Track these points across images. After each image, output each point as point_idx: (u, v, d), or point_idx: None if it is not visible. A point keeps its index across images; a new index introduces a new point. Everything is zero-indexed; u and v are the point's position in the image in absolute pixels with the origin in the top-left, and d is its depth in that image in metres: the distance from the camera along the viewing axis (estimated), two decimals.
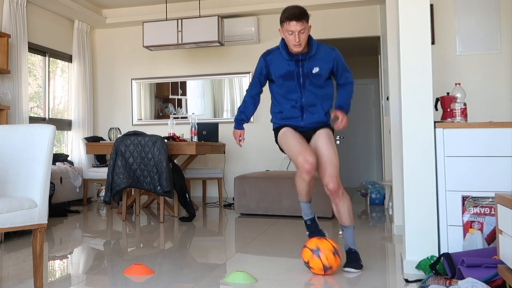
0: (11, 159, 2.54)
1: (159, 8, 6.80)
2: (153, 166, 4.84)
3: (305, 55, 3.01)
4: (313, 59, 3.01)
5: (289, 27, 2.95)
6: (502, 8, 3.79)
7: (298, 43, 2.93)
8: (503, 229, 2.08)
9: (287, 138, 3.04)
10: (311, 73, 3.01)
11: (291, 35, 2.95)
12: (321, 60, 3.02)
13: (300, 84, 3.03)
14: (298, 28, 2.92)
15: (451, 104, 3.04)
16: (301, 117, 3.08)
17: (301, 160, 2.88)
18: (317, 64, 3.01)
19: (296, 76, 3.03)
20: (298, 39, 2.92)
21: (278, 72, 3.06)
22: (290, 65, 3.03)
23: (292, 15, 2.94)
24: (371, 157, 9.18)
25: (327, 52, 3.05)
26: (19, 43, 5.73)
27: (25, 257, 3.38)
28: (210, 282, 2.81)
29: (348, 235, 3.07)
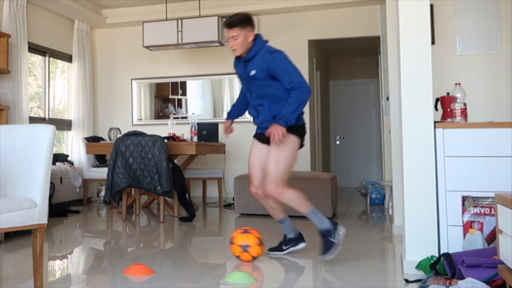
0: (11, 159, 2.54)
1: (159, 8, 6.81)
2: (153, 166, 4.84)
3: (245, 59, 3.30)
4: (251, 62, 3.26)
5: (226, 34, 3.26)
6: (502, 8, 3.79)
7: (232, 47, 3.25)
8: (503, 229, 2.08)
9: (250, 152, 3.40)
10: (249, 75, 3.27)
11: (229, 41, 3.25)
12: (257, 63, 3.23)
13: (247, 86, 3.33)
14: (232, 34, 3.20)
15: (451, 104, 3.03)
16: (257, 117, 3.34)
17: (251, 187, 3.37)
18: (254, 67, 3.23)
19: (243, 78, 3.35)
20: (232, 44, 3.23)
21: (238, 73, 3.42)
22: (240, 68, 3.35)
23: (226, 23, 3.24)
24: (371, 157, 9.18)
25: (263, 56, 3.23)
26: (19, 43, 5.73)
27: (25, 257, 3.38)
28: (210, 282, 2.81)
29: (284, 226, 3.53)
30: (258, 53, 3.24)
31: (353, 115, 9.38)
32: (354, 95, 9.38)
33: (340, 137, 9.47)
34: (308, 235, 4.26)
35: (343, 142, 9.45)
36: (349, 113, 9.40)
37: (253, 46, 3.25)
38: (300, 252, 3.51)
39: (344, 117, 9.43)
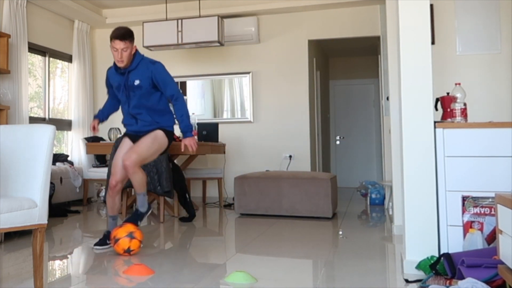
0: (11, 159, 2.54)
1: (159, 8, 6.81)
2: (153, 166, 4.84)
3: (128, 70, 3.52)
4: (134, 72, 3.51)
5: (114, 45, 3.44)
6: (502, 8, 3.79)
7: (121, 59, 3.44)
8: (503, 229, 2.08)
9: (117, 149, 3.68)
10: (133, 84, 3.52)
11: (116, 52, 3.44)
12: (140, 73, 3.52)
13: (126, 95, 3.56)
14: (122, 46, 3.42)
15: (451, 104, 3.03)
16: (136, 123, 3.63)
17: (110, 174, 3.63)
18: (137, 77, 3.51)
19: (122, 88, 3.54)
20: (121, 56, 3.43)
21: (112, 84, 3.66)
22: (118, 78, 3.56)
23: (117, 35, 3.43)
24: (371, 157, 9.18)
25: (147, 66, 3.55)
26: (19, 43, 5.73)
27: (25, 257, 3.38)
28: (210, 282, 2.81)
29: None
30: (139, 64, 3.55)
31: (353, 115, 9.38)
32: (354, 95, 9.38)
33: (340, 137, 9.47)
34: (309, 235, 4.26)
35: (343, 142, 9.45)
36: (349, 113, 9.41)
37: (134, 58, 3.55)
38: (300, 252, 3.52)
39: (344, 117, 9.43)
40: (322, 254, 3.47)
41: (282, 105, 6.79)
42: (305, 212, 5.05)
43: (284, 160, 6.76)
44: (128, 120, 3.67)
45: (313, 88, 7.25)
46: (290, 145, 6.77)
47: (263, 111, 6.87)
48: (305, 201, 5.04)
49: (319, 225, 4.68)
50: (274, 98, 6.82)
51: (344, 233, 4.32)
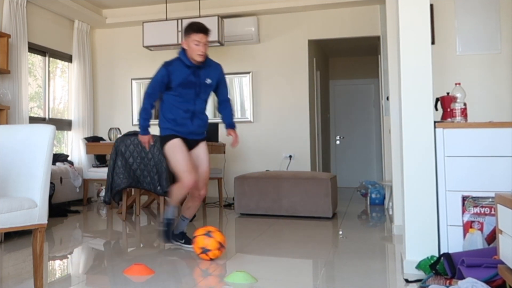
0: (11, 159, 2.54)
1: (159, 8, 6.81)
2: (153, 166, 4.84)
3: (201, 68, 3.47)
4: (206, 70, 3.50)
5: (196, 38, 3.39)
6: (502, 8, 3.79)
7: (203, 52, 3.39)
8: (503, 229, 2.08)
9: (176, 151, 3.46)
10: (204, 83, 3.49)
11: (197, 45, 3.38)
12: (212, 72, 3.53)
13: (196, 93, 3.48)
14: (204, 40, 3.40)
15: (451, 104, 3.03)
16: (191, 123, 3.54)
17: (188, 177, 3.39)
18: (209, 75, 3.51)
19: (194, 85, 3.46)
20: (203, 49, 3.39)
21: (178, 80, 3.44)
22: (189, 75, 3.44)
23: (201, 29, 3.41)
24: (371, 157, 9.18)
25: (216, 66, 3.58)
26: (19, 43, 5.73)
27: (25, 257, 3.38)
28: (210, 282, 2.81)
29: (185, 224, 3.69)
30: (210, 63, 3.54)
31: (353, 115, 9.38)
32: (354, 95, 9.38)
33: (340, 137, 9.47)
34: (309, 235, 4.26)
35: (343, 142, 9.44)
36: (349, 113, 9.40)
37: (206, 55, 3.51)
38: (300, 252, 3.52)
39: (344, 117, 9.43)
40: (322, 254, 3.47)
41: (282, 105, 6.79)
42: (305, 212, 5.04)
43: (284, 160, 6.76)
44: (182, 120, 3.51)
45: (313, 88, 7.25)
46: (290, 145, 6.77)
47: (263, 111, 6.87)
48: (305, 201, 5.03)
49: (319, 225, 4.68)
50: (274, 98, 6.82)
51: (344, 233, 4.32)
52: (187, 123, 3.52)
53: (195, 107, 3.52)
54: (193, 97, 3.49)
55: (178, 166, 3.43)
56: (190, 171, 3.41)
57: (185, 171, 3.40)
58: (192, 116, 3.53)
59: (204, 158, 3.60)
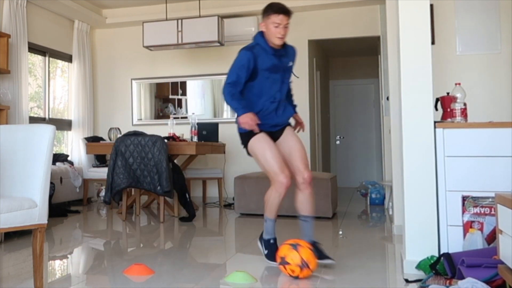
0: (11, 159, 2.54)
1: (159, 8, 6.80)
2: (153, 166, 4.84)
3: (284, 50, 3.19)
4: (287, 54, 3.22)
5: (276, 19, 3.07)
6: (502, 8, 3.79)
7: (283, 35, 3.10)
8: (503, 229, 2.08)
9: (264, 150, 3.09)
10: (287, 66, 3.22)
11: (277, 28, 3.07)
12: (291, 55, 3.25)
13: (281, 78, 3.19)
14: (285, 22, 3.08)
15: (451, 104, 3.03)
16: (276, 114, 3.19)
17: (282, 177, 3.04)
18: (290, 59, 3.24)
19: (280, 70, 3.17)
20: (283, 32, 3.09)
21: (265, 65, 3.11)
22: (273, 59, 3.14)
23: (281, 9, 3.10)
24: (371, 157, 9.18)
25: (292, 49, 3.28)
26: (19, 43, 5.73)
27: (25, 257, 3.38)
28: (210, 282, 2.81)
29: (309, 227, 3.15)
30: (287, 45, 3.24)
31: (353, 115, 9.38)
32: (354, 95, 9.38)
33: (340, 137, 9.47)
34: None
35: (343, 142, 9.44)
36: (349, 113, 9.40)
37: None
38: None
39: (344, 117, 9.43)
40: None
41: None
42: None
43: None
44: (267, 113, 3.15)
45: (313, 88, 7.24)
46: None
47: None
48: None
49: (319, 225, 4.68)
50: None
51: (344, 233, 4.32)
52: (272, 115, 3.18)
53: (281, 95, 3.19)
54: (279, 83, 3.16)
55: (269, 166, 3.08)
56: (282, 169, 3.05)
57: (278, 172, 3.05)
58: (277, 107, 3.18)
59: (295, 140, 3.24)
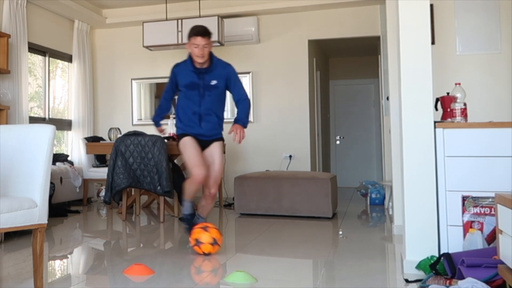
0: (11, 159, 2.54)
1: (159, 8, 6.81)
2: (153, 166, 4.84)
3: (206, 69, 3.61)
4: (212, 73, 3.62)
5: (195, 41, 3.53)
6: (502, 8, 3.79)
7: (202, 54, 3.53)
8: (503, 229, 2.08)
9: (186, 148, 3.64)
10: (209, 85, 3.61)
11: (196, 48, 3.52)
12: (218, 74, 3.64)
13: (200, 94, 3.61)
14: (203, 42, 3.52)
15: (451, 104, 3.04)
16: (199, 125, 3.67)
17: (196, 171, 3.57)
18: (215, 77, 3.62)
19: (197, 87, 3.61)
20: (202, 52, 3.52)
21: (183, 82, 3.65)
22: (193, 77, 3.62)
23: (199, 32, 3.53)
24: (371, 157, 9.18)
25: (223, 67, 3.69)
26: (19, 43, 5.73)
27: (25, 257, 3.38)
28: (210, 282, 2.81)
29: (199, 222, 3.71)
30: (216, 64, 3.66)
31: (353, 115, 9.38)
32: (354, 95, 9.38)
33: (340, 137, 9.47)
34: (309, 235, 4.26)
35: (343, 142, 9.44)
36: (349, 113, 9.40)
37: (212, 57, 3.66)
38: (300, 252, 3.51)
39: (344, 117, 9.43)
40: (322, 254, 3.47)
41: (282, 105, 6.79)
42: (305, 212, 5.05)
43: (284, 160, 6.76)
44: (190, 121, 3.70)
45: (313, 88, 7.24)
46: (290, 145, 6.77)
47: (263, 111, 6.87)
48: (305, 201, 5.03)
49: (319, 225, 4.68)
50: (274, 98, 6.82)
51: (344, 233, 4.32)
52: (195, 125, 3.68)
53: (200, 109, 3.63)
54: (198, 99, 3.62)
55: (188, 161, 3.63)
56: (199, 166, 3.57)
57: (194, 166, 3.58)
58: (199, 119, 3.66)
59: (216, 157, 3.72)
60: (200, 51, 3.52)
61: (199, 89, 3.62)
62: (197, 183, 3.62)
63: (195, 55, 3.55)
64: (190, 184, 3.72)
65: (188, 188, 3.76)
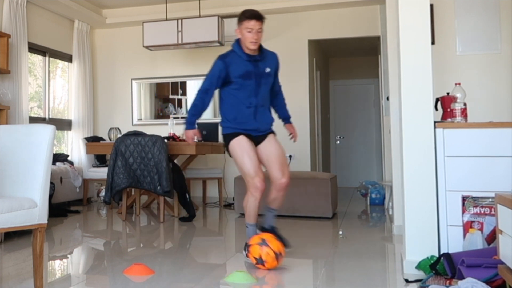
0: (11, 159, 2.54)
1: (159, 8, 6.80)
2: (153, 166, 4.84)
3: (259, 56, 3.31)
4: (265, 60, 3.34)
5: (249, 25, 3.20)
6: (502, 8, 3.79)
7: (256, 40, 3.20)
8: (503, 229, 2.08)
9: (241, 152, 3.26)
10: (264, 72, 3.32)
11: (250, 33, 3.19)
12: (269, 61, 3.37)
13: (256, 83, 3.29)
14: (257, 27, 3.20)
15: (451, 104, 3.03)
16: (254, 119, 3.32)
17: (257, 181, 3.19)
18: (268, 64, 3.35)
19: (254, 76, 3.28)
20: (256, 36, 3.21)
21: (237, 72, 3.25)
22: (247, 65, 3.27)
23: (253, 15, 3.24)
24: (371, 157, 9.18)
25: (272, 54, 3.44)
26: (19, 43, 5.73)
27: (25, 257, 3.38)
28: (210, 282, 2.81)
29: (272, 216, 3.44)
30: (266, 51, 3.37)
31: (353, 115, 9.38)
32: (354, 95, 9.38)
33: (340, 137, 9.47)
34: (309, 235, 4.26)
35: (343, 142, 9.44)
36: (349, 113, 9.40)
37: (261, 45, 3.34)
38: (300, 252, 3.51)
39: (344, 117, 9.43)
40: (322, 254, 3.47)
41: None
42: (305, 212, 5.04)
43: None
44: (243, 117, 3.30)
45: (313, 88, 7.24)
46: (290, 145, 6.72)
47: None
48: (305, 201, 5.03)
49: (319, 225, 4.68)
50: None
51: (344, 233, 4.32)
52: (249, 120, 3.30)
53: (257, 100, 3.30)
54: (254, 88, 3.27)
55: (246, 169, 3.23)
56: (259, 173, 3.22)
57: (255, 175, 3.20)
58: (255, 112, 3.30)
59: (275, 146, 3.37)
60: (255, 35, 3.17)
61: (255, 78, 3.27)
62: (261, 192, 3.20)
63: (249, 40, 3.18)
64: (251, 199, 3.25)
65: (250, 206, 3.28)
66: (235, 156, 3.29)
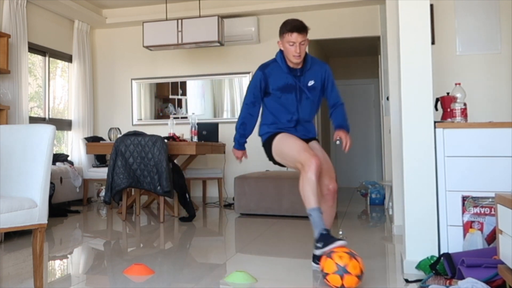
0: (11, 159, 2.54)
1: (159, 8, 6.81)
2: (153, 166, 4.84)
3: (302, 70, 3.06)
4: (308, 72, 3.07)
5: (290, 38, 2.96)
6: (502, 8, 3.79)
7: (298, 54, 2.96)
8: (503, 229, 2.08)
9: (287, 139, 3.00)
10: (307, 86, 3.06)
11: (292, 46, 2.96)
12: (315, 73, 3.09)
13: (297, 98, 3.06)
14: (300, 40, 2.95)
15: (451, 104, 3.03)
16: (295, 129, 3.10)
17: (308, 155, 2.82)
18: (312, 77, 3.07)
19: (294, 90, 3.05)
20: (299, 50, 2.96)
21: (276, 85, 3.05)
22: (288, 78, 3.05)
23: (295, 27, 2.98)
24: (371, 157, 9.18)
25: (320, 65, 3.13)
26: (19, 43, 5.73)
27: (25, 257, 3.38)
28: (210, 282, 2.81)
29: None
30: (312, 62, 3.11)
31: (353, 115, 9.37)
32: (354, 95, 9.38)
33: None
34: (309, 235, 4.26)
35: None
36: (349, 113, 9.25)
37: (306, 55, 3.09)
38: (300, 252, 3.51)
39: None
40: None
41: None
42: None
43: None
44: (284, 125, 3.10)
45: None
46: None
47: None
48: None
49: None
50: None
51: (344, 233, 4.32)
52: (290, 129, 3.09)
53: (299, 115, 3.07)
54: (295, 103, 3.05)
55: (293, 150, 2.92)
56: (308, 149, 2.89)
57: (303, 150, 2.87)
58: (296, 125, 3.10)
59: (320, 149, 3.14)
60: (297, 49, 2.94)
61: (296, 92, 3.04)
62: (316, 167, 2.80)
63: (292, 54, 2.96)
64: (307, 177, 2.81)
65: (306, 188, 2.83)
66: (280, 149, 3.02)
